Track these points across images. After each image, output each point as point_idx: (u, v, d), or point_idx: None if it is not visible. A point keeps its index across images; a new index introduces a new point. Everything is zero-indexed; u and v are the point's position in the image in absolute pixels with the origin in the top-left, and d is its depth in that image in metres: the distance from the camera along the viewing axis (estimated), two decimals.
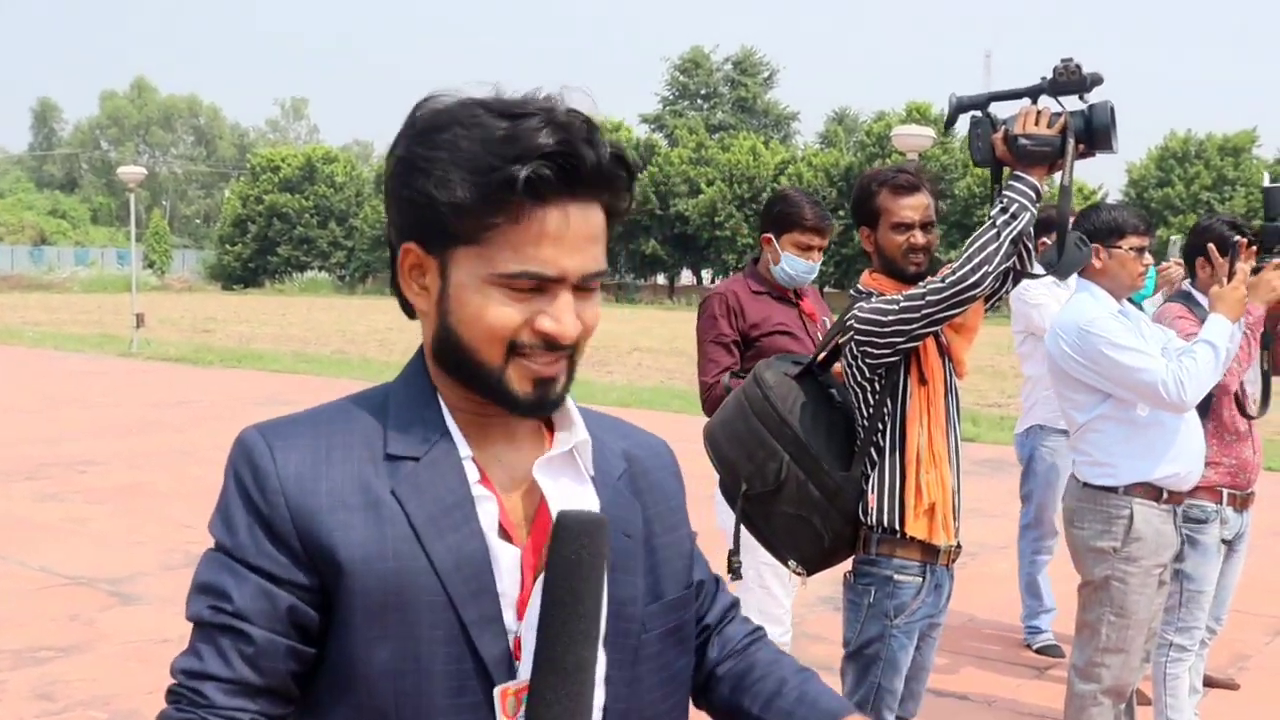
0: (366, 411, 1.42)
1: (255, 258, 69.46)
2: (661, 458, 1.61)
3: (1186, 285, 4.94)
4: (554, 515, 1.31)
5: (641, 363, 24.23)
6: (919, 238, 3.55)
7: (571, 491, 1.43)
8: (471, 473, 1.39)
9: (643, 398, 17.27)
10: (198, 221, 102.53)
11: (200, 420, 14.24)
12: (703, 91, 77.80)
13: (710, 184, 60.11)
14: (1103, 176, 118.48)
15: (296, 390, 17.02)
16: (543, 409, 1.39)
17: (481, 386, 1.38)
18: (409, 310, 1.44)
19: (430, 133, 1.34)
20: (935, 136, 16.89)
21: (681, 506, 1.60)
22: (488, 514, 1.37)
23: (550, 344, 1.35)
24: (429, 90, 1.40)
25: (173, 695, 1.31)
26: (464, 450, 1.39)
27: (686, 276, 68.82)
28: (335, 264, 70.33)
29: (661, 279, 66.35)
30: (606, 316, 48.33)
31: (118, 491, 9.85)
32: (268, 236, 69.05)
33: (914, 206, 3.56)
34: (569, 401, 1.47)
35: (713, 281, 68.19)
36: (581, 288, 1.36)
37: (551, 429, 1.48)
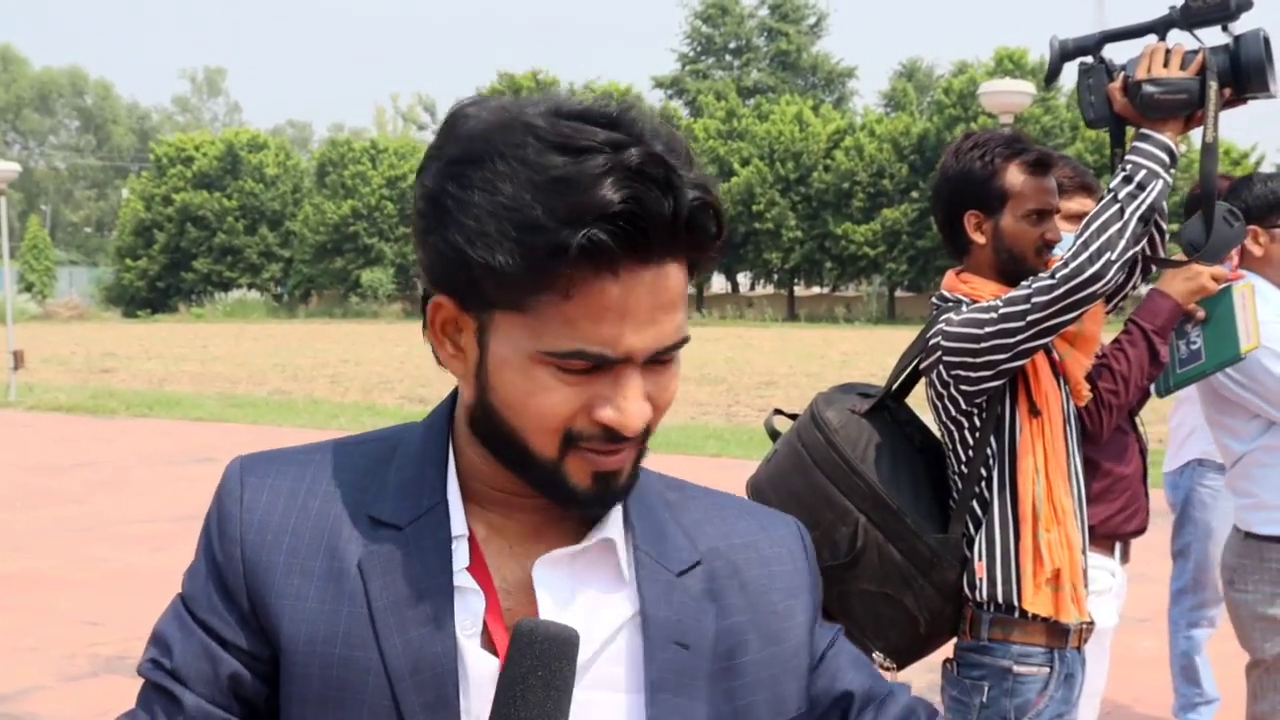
0: (369, 456, 1.47)
1: (165, 275, 69.84)
2: (773, 550, 1.60)
3: None
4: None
5: None
6: (1057, 230, 3.54)
7: (593, 601, 1.44)
8: (460, 557, 1.41)
9: (669, 440, 17.25)
10: (88, 230, 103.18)
11: (102, 487, 14.27)
12: (732, 45, 78.16)
13: (745, 163, 60.29)
14: (1258, 133, 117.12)
15: (226, 444, 17.04)
16: (605, 502, 1.42)
17: (533, 479, 1.40)
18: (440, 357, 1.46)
19: (464, 165, 1.33)
20: (1035, 92, 16.91)
21: (796, 612, 1.58)
22: (469, 611, 1.39)
23: (612, 435, 1.35)
24: (461, 96, 1.41)
25: None
26: (458, 527, 1.41)
27: (719, 283, 68.98)
28: (269, 280, 70.72)
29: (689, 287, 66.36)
30: None
31: None
32: (180, 247, 69.44)
33: (1053, 190, 3.55)
34: None
35: (752, 288, 68.32)
36: (658, 361, 1.37)
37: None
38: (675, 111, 66.61)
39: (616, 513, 1.47)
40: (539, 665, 1.28)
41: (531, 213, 1.27)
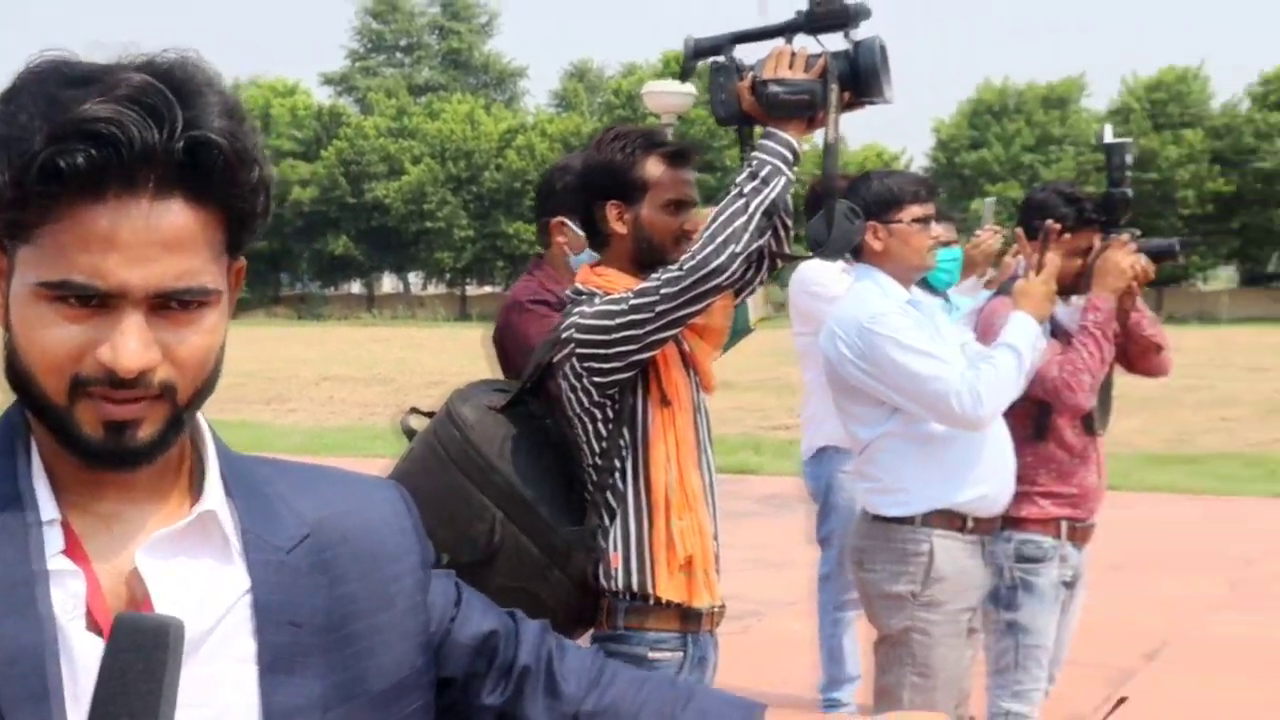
0: None
1: None
2: (377, 514, 1.61)
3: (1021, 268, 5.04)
4: (155, 609, 1.33)
5: (333, 396, 23.95)
6: (695, 222, 3.58)
7: (203, 578, 1.42)
8: (53, 542, 1.37)
9: (332, 441, 17.09)
10: None
11: None
12: (403, 43, 77.66)
13: (416, 161, 59.99)
14: (907, 138, 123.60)
15: None
16: (124, 460, 1.38)
17: (52, 428, 1.38)
18: None
19: (1, 105, 1.34)
20: (696, 94, 17.29)
21: (406, 574, 1.59)
22: (69, 596, 1.36)
23: (115, 379, 1.33)
24: (33, 52, 1.38)
25: None
26: (46, 512, 1.38)
27: (389, 283, 68.51)
28: None
29: (357, 287, 65.84)
30: (286, 339, 46.79)
31: None
32: None
33: (691, 182, 3.62)
34: (210, 454, 1.48)
35: (424, 288, 68.05)
36: (169, 308, 1.35)
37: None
38: (344, 109, 65.73)
39: (215, 487, 1.45)
40: (139, 657, 1.26)
41: (30, 137, 1.29)
